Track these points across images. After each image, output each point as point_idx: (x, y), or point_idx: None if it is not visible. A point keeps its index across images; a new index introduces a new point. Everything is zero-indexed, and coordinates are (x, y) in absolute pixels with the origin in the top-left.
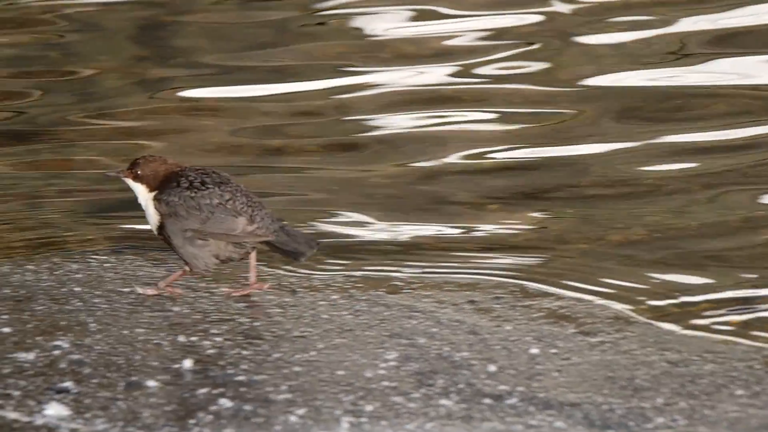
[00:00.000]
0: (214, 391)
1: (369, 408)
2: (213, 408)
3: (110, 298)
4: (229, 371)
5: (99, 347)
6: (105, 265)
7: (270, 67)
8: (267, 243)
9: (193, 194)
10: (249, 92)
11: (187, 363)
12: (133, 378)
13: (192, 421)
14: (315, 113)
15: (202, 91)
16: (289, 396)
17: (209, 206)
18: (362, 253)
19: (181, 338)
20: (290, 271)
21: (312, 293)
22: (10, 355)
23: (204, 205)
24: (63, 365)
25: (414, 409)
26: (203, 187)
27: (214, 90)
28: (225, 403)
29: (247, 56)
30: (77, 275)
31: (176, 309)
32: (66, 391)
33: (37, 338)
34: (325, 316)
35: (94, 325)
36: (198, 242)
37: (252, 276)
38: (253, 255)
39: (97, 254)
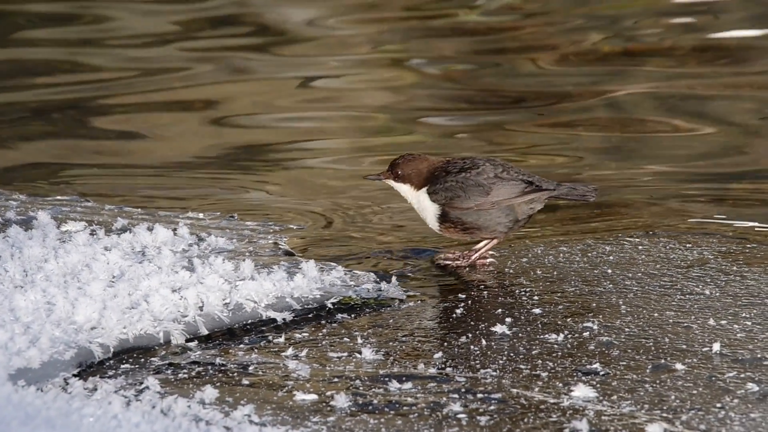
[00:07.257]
0: (742, 375)
1: None
2: (740, 392)
3: (641, 281)
4: (758, 355)
5: (628, 329)
6: (638, 247)
7: None
8: (554, 197)
9: (467, 174)
10: None
11: (716, 346)
12: (661, 361)
13: (718, 405)
14: None
15: None
16: None
17: (488, 179)
18: None
19: (711, 321)
20: None
21: None
22: (540, 336)
23: (482, 180)
24: (592, 347)
25: None
26: (475, 167)
27: None
28: (752, 387)
29: None
30: (609, 257)
31: (707, 293)
32: (594, 372)
33: (567, 319)
34: None
35: (625, 307)
36: (491, 211)
37: (481, 251)
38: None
39: (631, 237)
